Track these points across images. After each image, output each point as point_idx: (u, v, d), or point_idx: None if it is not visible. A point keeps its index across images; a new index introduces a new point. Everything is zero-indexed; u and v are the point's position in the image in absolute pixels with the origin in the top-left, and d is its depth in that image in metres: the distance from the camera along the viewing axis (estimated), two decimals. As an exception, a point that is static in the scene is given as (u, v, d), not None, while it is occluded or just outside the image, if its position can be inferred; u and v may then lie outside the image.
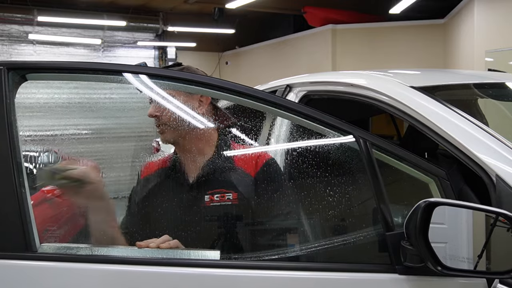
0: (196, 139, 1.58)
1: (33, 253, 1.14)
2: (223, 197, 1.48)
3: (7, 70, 1.22)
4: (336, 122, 1.29)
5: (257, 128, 2.14)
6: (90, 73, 1.36)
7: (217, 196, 1.48)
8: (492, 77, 2.21)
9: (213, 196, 1.48)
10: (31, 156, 1.46)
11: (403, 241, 1.14)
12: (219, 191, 1.49)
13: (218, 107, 1.67)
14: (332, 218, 1.57)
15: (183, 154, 1.59)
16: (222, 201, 1.48)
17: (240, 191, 1.49)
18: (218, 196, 1.48)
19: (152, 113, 1.54)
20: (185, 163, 1.58)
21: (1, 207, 1.15)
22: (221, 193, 1.48)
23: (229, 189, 1.49)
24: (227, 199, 1.48)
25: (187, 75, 1.38)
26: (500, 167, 1.26)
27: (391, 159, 1.29)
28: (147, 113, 1.55)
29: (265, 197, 1.53)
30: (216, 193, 1.49)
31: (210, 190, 1.49)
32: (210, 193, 1.49)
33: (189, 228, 1.47)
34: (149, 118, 1.59)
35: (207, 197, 1.49)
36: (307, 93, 2.08)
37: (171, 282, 1.17)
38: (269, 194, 1.54)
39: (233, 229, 1.51)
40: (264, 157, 1.59)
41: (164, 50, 11.03)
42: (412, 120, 1.53)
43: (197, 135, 1.58)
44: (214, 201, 1.48)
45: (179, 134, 1.55)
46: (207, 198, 1.49)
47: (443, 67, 7.25)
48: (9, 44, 9.54)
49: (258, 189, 1.52)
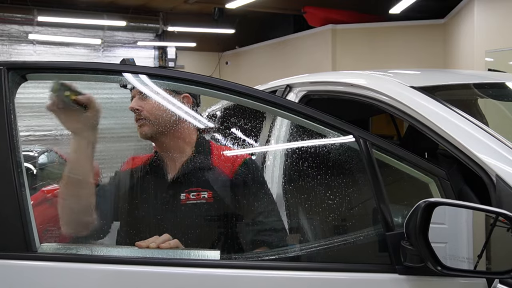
0: (175, 137, 1.59)
1: (33, 253, 1.14)
2: (198, 195, 1.52)
3: (7, 70, 1.22)
4: (336, 122, 1.29)
5: (257, 128, 2.14)
6: (90, 73, 1.37)
7: (193, 195, 1.52)
8: (492, 77, 2.21)
9: (189, 194, 1.52)
10: (31, 156, 1.46)
11: (403, 241, 1.14)
12: (195, 190, 1.53)
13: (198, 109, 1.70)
14: (332, 218, 1.57)
15: (163, 151, 1.62)
16: (198, 199, 1.52)
17: (215, 190, 1.53)
18: (194, 195, 1.52)
19: (134, 107, 1.56)
20: (165, 161, 1.61)
21: (1, 207, 1.15)
22: (197, 192, 1.52)
23: (205, 188, 1.53)
24: (202, 198, 1.52)
25: (187, 75, 1.38)
26: (500, 167, 1.26)
27: (391, 159, 1.29)
28: (128, 107, 1.57)
29: (240, 196, 1.57)
30: (192, 192, 1.52)
31: (186, 188, 1.53)
32: (186, 191, 1.53)
33: (164, 224, 1.52)
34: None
35: (183, 195, 1.52)
36: (307, 93, 2.08)
37: (171, 282, 1.17)
38: (245, 194, 1.57)
39: (207, 227, 1.55)
40: (242, 157, 1.61)
41: (164, 50, 11.04)
42: (412, 120, 1.53)
43: (176, 133, 1.59)
44: (190, 199, 1.52)
45: (157, 130, 1.56)
46: (183, 196, 1.52)
47: (443, 67, 7.25)
48: (9, 44, 9.54)
49: (233, 189, 1.56)
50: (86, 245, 1.30)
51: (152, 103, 1.55)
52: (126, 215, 1.59)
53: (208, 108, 1.67)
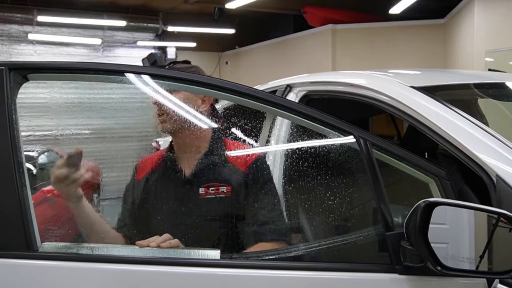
0: (193, 134, 1.63)
1: (34, 252, 1.14)
2: (217, 190, 1.55)
3: (8, 70, 1.22)
4: (336, 122, 1.29)
5: (257, 128, 2.15)
6: (91, 73, 1.37)
7: (212, 189, 1.55)
8: (492, 77, 2.21)
9: (208, 189, 1.55)
10: (32, 156, 1.46)
11: (403, 241, 1.14)
12: (213, 185, 1.56)
13: (215, 108, 1.75)
14: (332, 218, 1.57)
15: (179, 147, 1.64)
16: (217, 194, 1.55)
17: (232, 185, 1.56)
18: (213, 189, 1.55)
19: (157, 102, 1.57)
20: (179, 157, 1.64)
21: (2, 207, 1.15)
22: (215, 186, 1.55)
23: (222, 182, 1.56)
24: (221, 192, 1.55)
25: (187, 75, 1.38)
26: (500, 167, 1.26)
27: (391, 159, 1.29)
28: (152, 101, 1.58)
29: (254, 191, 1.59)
30: (211, 186, 1.55)
31: (205, 183, 1.56)
32: (205, 186, 1.55)
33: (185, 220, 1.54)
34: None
35: (202, 190, 1.55)
36: (307, 93, 2.08)
37: (172, 282, 1.17)
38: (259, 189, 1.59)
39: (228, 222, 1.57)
40: (254, 155, 1.66)
41: (164, 50, 11.03)
42: (412, 120, 1.53)
43: (195, 130, 1.64)
44: (209, 193, 1.55)
45: (178, 126, 1.59)
46: (202, 190, 1.55)
47: (443, 67, 7.25)
48: (9, 44, 9.54)
49: (248, 184, 1.58)
50: (87, 244, 1.30)
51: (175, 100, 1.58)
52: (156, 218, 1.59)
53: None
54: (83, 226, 1.48)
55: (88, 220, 1.46)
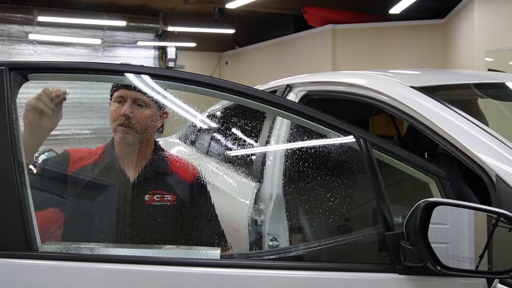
0: (146, 144, 1.67)
1: (34, 252, 1.14)
2: (163, 197, 1.62)
3: (8, 70, 1.22)
4: (336, 122, 1.29)
5: (257, 128, 2.15)
6: (91, 73, 1.37)
7: (157, 197, 1.61)
8: (492, 77, 2.21)
9: (153, 196, 1.61)
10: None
11: (403, 241, 1.14)
12: (159, 192, 1.62)
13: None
14: (332, 218, 1.58)
15: (123, 150, 1.65)
16: (162, 201, 1.61)
17: (178, 194, 1.63)
18: (158, 197, 1.61)
19: (127, 114, 1.57)
20: (123, 159, 1.65)
21: (3, 206, 1.15)
22: (161, 194, 1.62)
23: (168, 191, 1.63)
24: (166, 200, 1.62)
25: (187, 75, 1.38)
26: (500, 167, 1.26)
27: (391, 159, 1.29)
28: (120, 112, 1.58)
29: (200, 201, 1.70)
30: (156, 194, 1.62)
31: (150, 190, 1.62)
32: (150, 193, 1.61)
33: (127, 223, 1.58)
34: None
35: (148, 196, 1.61)
36: (307, 93, 2.08)
37: (172, 282, 1.17)
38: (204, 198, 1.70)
39: (171, 229, 1.62)
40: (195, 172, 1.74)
41: (164, 50, 11.04)
42: (412, 120, 1.53)
43: (148, 141, 1.68)
44: (154, 200, 1.61)
45: (139, 138, 1.63)
46: (147, 197, 1.61)
47: (443, 67, 7.25)
48: (9, 44, 9.55)
49: (193, 194, 1.68)
50: (87, 244, 1.30)
51: (143, 113, 1.60)
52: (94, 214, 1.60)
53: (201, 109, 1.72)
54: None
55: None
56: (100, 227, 1.55)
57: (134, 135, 1.60)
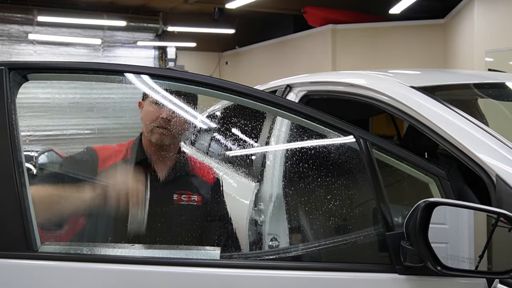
0: (175, 146, 1.74)
1: (34, 252, 1.14)
2: (189, 197, 1.68)
3: (8, 70, 1.22)
4: (336, 122, 1.29)
5: (257, 128, 2.15)
6: (91, 73, 1.37)
7: (184, 196, 1.68)
8: (492, 77, 2.21)
9: (180, 196, 1.68)
10: (32, 155, 1.46)
11: (403, 241, 1.14)
12: (185, 192, 1.69)
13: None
14: (332, 218, 1.58)
15: (158, 152, 1.69)
16: (189, 201, 1.68)
17: (202, 195, 1.70)
18: (185, 196, 1.68)
19: (167, 117, 1.62)
20: (154, 160, 1.69)
21: (2, 207, 1.15)
22: (187, 194, 1.69)
23: (193, 191, 1.70)
24: (193, 200, 1.69)
25: (187, 75, 1.38)
26: (500, 167, 1.26)
27: (391, 159, 1.29)
28: (163, 115, 1.61)
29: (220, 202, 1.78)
30: (183, 194, 1.68)
31: (178, 190, 1.68)
32: (178, 193, 1.68)
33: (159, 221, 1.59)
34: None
35: (176, 196, 1.67)
36: (307, 93, 2.08)
37: (171, 282, 1.17)
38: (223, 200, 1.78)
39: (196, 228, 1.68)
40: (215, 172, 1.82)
41: (164, 50, 11.03)
42: (412, 120, 1.53)
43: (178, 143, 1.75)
44: (182, 200, 1.68)
45: (174, 140, 1.69)
46: (175, 197, 1.67)
47: (443, 67, 7.26)
48: (9, 44, 9.54)
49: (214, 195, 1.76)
50: (87, 244, 1.30)
51: (181, 117, 1.66)
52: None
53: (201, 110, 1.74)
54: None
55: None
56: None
57: (171, 138, 1.66)
